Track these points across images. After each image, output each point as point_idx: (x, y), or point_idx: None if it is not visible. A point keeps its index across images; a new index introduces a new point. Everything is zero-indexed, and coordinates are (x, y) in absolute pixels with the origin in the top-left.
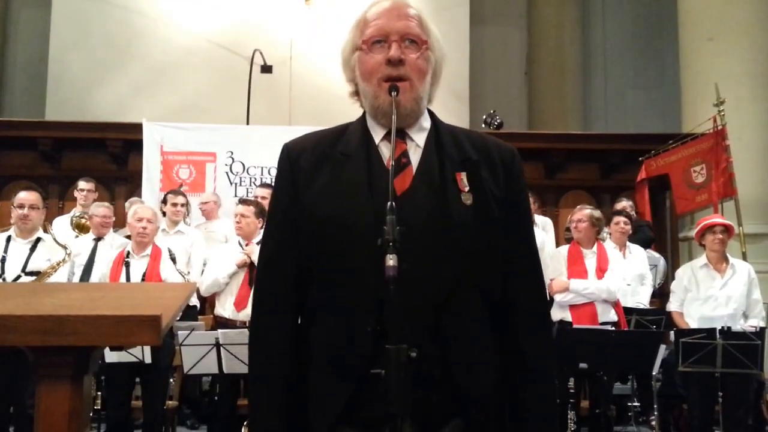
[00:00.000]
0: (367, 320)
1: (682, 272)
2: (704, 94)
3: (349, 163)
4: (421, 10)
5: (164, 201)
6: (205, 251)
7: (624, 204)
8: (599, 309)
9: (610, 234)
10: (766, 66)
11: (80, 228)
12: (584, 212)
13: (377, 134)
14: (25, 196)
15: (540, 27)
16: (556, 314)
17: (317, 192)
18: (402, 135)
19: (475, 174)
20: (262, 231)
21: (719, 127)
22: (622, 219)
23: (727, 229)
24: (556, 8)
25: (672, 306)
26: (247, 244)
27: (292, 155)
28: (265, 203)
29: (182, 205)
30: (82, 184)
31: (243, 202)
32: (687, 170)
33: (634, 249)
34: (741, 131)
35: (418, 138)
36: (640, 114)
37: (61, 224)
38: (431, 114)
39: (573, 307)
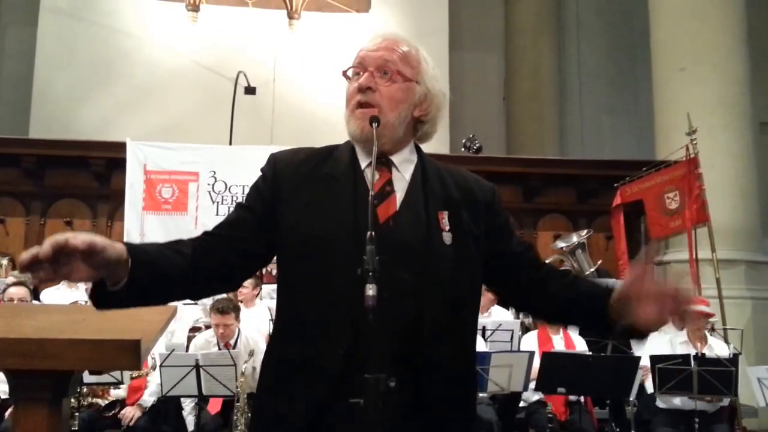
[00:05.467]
0: (339, 342)
1: (660, 339)
2: (677, 123)
3: (336, 185)
4: (417, 48)
5: None
6: None
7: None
8: None
9: None
10: (736, 95)
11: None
12: None
13: (363, 159)
14: (14, 293)
15: (517, 54)
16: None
17: (301, 210)
18: (388, 163)
19: (456, 214)
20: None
21: (692, 156)
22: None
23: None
24: (533, 36)
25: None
26: (225, 345)
27: (279, 166)
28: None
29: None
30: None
31: (221, 312)
32: (661, 197)
33: None
34: (713, 159)
35: (404, 169)
36: (615, 139)
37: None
38: (418, 149)
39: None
